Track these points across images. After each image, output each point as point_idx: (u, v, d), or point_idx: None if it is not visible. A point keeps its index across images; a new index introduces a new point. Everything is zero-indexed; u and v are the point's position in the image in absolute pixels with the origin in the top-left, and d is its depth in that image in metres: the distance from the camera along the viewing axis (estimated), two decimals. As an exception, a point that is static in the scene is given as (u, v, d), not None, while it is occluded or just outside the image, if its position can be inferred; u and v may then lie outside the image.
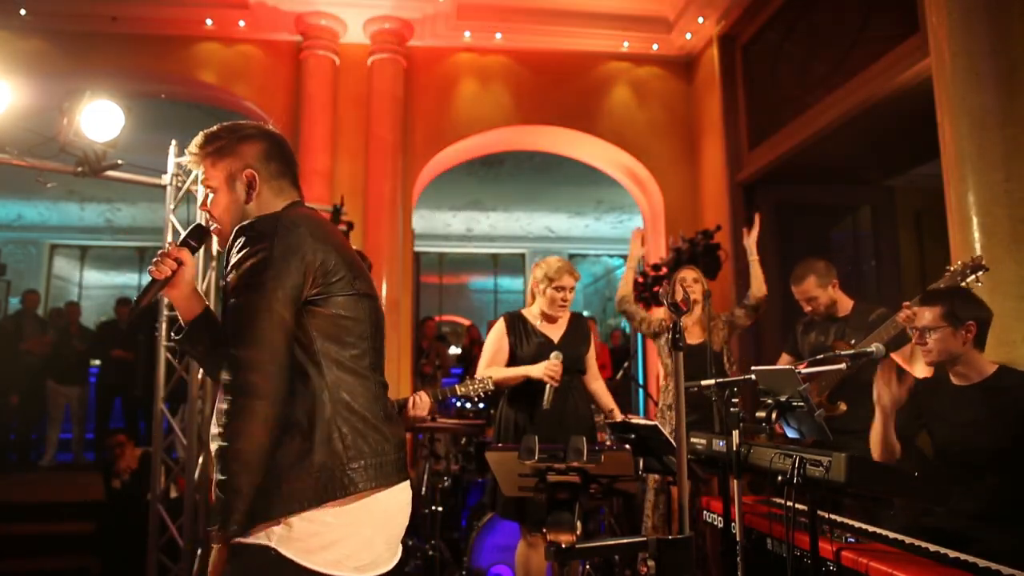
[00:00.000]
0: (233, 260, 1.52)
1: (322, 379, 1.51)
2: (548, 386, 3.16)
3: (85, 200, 10.04)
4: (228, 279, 1.52)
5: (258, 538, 1.43)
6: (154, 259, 1.67)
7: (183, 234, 1.71)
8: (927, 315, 2.47)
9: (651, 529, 3.95)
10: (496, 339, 3.40)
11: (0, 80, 3.67)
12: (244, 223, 1.56)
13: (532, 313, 3.45)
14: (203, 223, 1.72)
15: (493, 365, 3.34)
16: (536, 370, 3.22)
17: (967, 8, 3.18)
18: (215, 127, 1.68)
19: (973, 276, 2.69)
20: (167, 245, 1.69)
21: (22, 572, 4.93)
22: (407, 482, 1.66)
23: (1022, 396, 2.34)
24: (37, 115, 5.48)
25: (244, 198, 1.64)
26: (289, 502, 1.44)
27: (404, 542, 1.66)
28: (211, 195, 1.66)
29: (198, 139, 1.66)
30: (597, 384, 3.53)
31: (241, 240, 1.53)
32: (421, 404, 2.78)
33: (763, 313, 4.10)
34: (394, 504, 1.59)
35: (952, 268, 2.78)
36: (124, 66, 6.16)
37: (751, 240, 4.04)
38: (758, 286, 3.99)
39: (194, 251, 1.69)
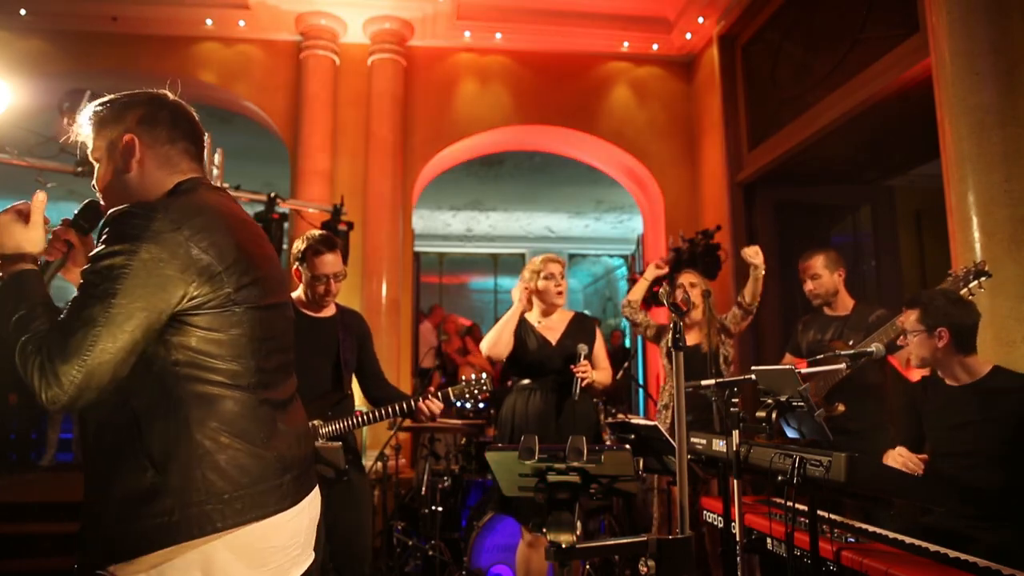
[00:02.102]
0: (93, 251, 1.32)
1: (185, 406, 1.31)
2: (576, 378, 3.17)
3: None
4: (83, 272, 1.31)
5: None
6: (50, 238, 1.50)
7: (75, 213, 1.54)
8: (910, 318, 2.49)
9: (656, 527, 3.96)
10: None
11: (0, 80, 3.67)
12: (116, 210, 1.34)
13: (532, 315, 3.49)
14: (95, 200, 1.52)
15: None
16: (519, 304, 3.41)
17: (967, 8, 3.18)
18: (101, 100, 1.50)
19: (976, 281, 2.67)
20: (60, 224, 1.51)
21: (22, 572, 4.94)
22: (299, 505, 1.44)
23: (1015, 397, 2.35)
24: (37, 115, 5.49)
25: (123, 167, 1.44)
26: (136, 543, 1.27)
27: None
28: (97, 167, 1.50)
29: (86, 109, 1.51)
30: (601, 375, 3.45)
31: (107, 231, 1.32)
32: (427, 412, 2.77)
33: (753, 318, 4.07)
34: (271, 533, 1.37)
35: (954, 273, 2.76)
36: (124, 66, 6.16)
37: (760, 257, 3.97)
38: (753, 295, 3.96)
39: (85, 232, 1.53)
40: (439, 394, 2.86)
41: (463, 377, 3.01)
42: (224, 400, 1.35)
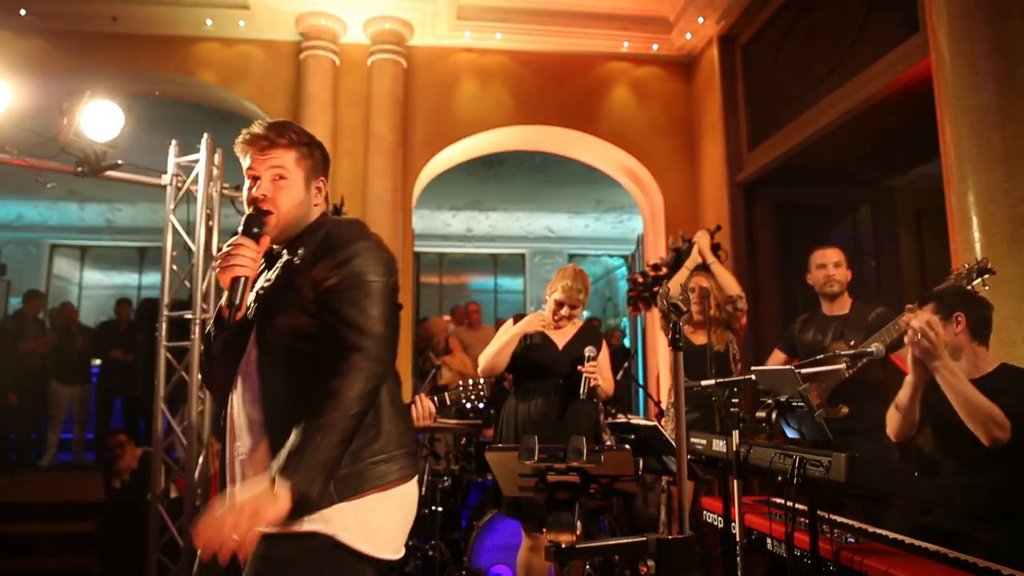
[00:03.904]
0: (331, 259, 1.59)
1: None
2: (584, 377, 3.14)
3: (85, 200, 10.03)
4: (329, 275, 1.57)
5: (312, 526, 1.45)
6: (225, 257, 1.60)
7: (244, 224, 1.65)
8: (925, 312, 2.49)
9: (663, 527, 3.95)
10: (505, 332, 3.41)
11: (0, 80, 3.67)
12: (334, 230, 1.66)
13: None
14: (258, 210, 1.66)
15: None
16: (526, 324, 3.29)
17: (967, 8, 3.18)
18: (287, 122, 1.75)
19: (979, 279, 2.66)
20: (227, 245, 1.64)
21: (22, 572, 4.94)
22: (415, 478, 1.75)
23: (1019, 394, 2.34)
24: (37, 115, 5.48)
25: (315, 201, 1.75)
26: (357, 485, 1.53)
27: (404, 542, 1.67)
28: (282, 182, 1.68)
29: (280, 125, 1.71)
30: (605, 383, 3.42)
31: (336, 241, 1.62)
32: (424, 411, 2.75)
33: (749, 310, 4.05)
34: (415, 492, 1.69)
35: (956, 271, 2.76)
36: (124, 66, 6.16)
37: (706, 248, 3.99)
38: (727, 286, 3.94)
39: (258, 237, 1.64)
40: (434, 398, 2.84)
41: (459, 384, 2.99)
42: (393, 374, 1.68)
